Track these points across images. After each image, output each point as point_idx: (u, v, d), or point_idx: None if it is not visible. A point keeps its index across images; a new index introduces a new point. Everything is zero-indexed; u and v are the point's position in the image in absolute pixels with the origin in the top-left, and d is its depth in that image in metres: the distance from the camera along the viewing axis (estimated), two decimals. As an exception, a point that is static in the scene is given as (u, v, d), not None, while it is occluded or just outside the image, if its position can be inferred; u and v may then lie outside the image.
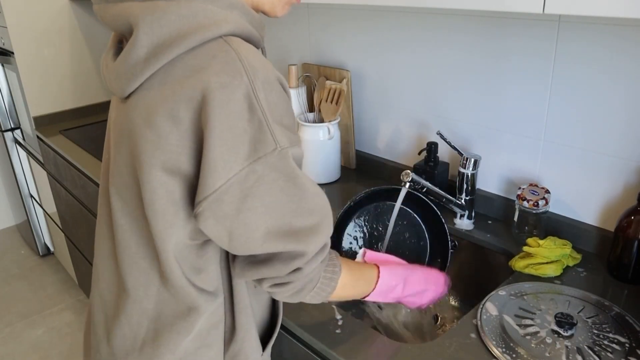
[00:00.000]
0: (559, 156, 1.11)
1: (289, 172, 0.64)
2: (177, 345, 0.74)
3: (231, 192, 0.61)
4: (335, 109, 1.44)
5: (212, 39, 0.63)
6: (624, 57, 0.96)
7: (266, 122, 0.61)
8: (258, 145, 0.61)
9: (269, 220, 0.64)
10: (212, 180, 0.60)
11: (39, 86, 2.21)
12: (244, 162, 0.61)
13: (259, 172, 0.62)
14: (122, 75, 0.65)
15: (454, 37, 1.21)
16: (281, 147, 0.62)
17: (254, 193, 0.62)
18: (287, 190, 0.64)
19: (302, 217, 0.66)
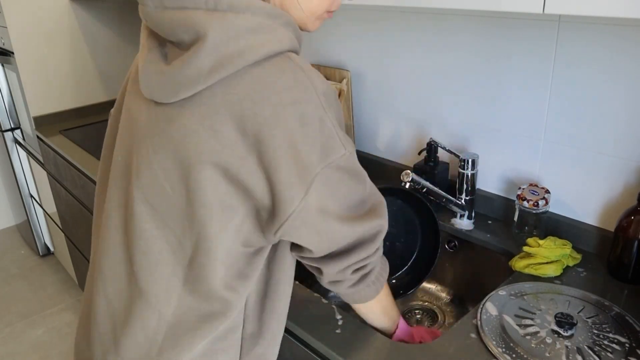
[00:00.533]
0: (559, 156, 1.11)
1: (355, 169, 0.72)
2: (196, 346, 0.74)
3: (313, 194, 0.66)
4: (335, 109, 1.44)
5: (276, 54, 0.65)
6: (624, 57, 0.96)
7: (335, 131, 0.67)
8: (329, 151, 0.66)
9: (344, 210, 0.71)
10: (294, 192, 0.65)
11: (39, 86, 2.21)
12: (318, 167, 0.66)
13: (328, 174, 0.67)
14: (177, 81, 0.65)
15: (454, 37, 1.21)
16: (349, 151, 0.69)
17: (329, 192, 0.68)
18: (356, 185, 0.72)
19: (368, 202, 0.75)
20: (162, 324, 0.73)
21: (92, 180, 1.78)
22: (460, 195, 1.20)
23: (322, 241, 0.72)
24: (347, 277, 0.78)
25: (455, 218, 1.23)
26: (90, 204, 1.90)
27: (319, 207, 0.68)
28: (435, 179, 1.24)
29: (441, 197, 1.16)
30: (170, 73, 0.65)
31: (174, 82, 0.65)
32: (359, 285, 0.81)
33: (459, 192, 1.20)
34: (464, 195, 1.20)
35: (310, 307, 0.96)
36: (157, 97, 0.68)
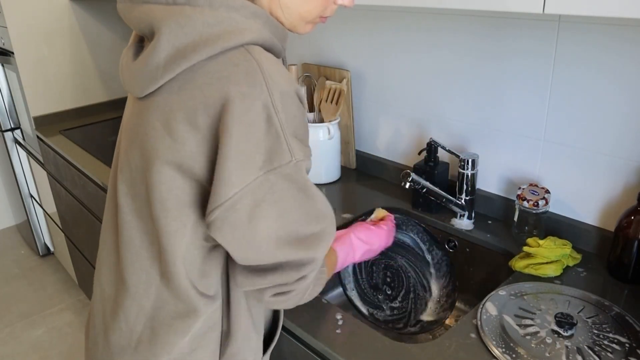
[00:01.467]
0: (559, 156, 1.11)
1: (302, 183, 0.65)
2: (174, 345, 0.75)
3: (244, 201, 0.62)
4: (335, 109, 1.44)
5: (234, 47, 0.63)
6: (624, 57, 0.96)
7: (283, 134, 0.62)
8: (274, 156, 0.62)
9: (280, 228, 0.65)
10: (226, 188, 0.61)
11: (39, 86, 2.21)
12: (259, 172, 0.62)
13: (272, 182, 0.63)
14: (141, 76, 0.66)
15: (454, 37, 1.21)
16: (296, 159, 0.64)
17: (267, 201, 0.63)
18: (299, 200, 0.66)
19: (311, 224, 0.68)
20: (141, 315, 0.75)
21: (92, 180, 1.78)
22: (460, 195, 1.20)
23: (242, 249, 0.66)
24: (265, 298, 0.72)
25: (455, 218, 1.23)
26: (90, 203, 1.90)
27: (250, 215, 0.63)
28: (435, 179, 1.24)
29: (441, 197, 1.16)
30: (136, 68, 0.66)
31: (139, 77, 0.66)
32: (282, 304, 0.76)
33: (459, 192, 1.20)
34: (464, 195, 1.20)
35: (310, 307, 0.96)
36: (132, 92, 0.69)
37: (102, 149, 1.93)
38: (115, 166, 0.79)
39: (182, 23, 0.62)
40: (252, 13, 0.66)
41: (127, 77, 0.69)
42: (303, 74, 1.57)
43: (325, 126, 1.42)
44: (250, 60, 0.63)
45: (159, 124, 0.65)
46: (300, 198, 0.66)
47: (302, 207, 0.66)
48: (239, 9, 0.65)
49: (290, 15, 0.71)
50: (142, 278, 0.74)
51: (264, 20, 0.67)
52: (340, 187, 1.47)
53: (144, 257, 0.74)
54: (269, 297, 0.71)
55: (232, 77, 0.61)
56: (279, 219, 0.65)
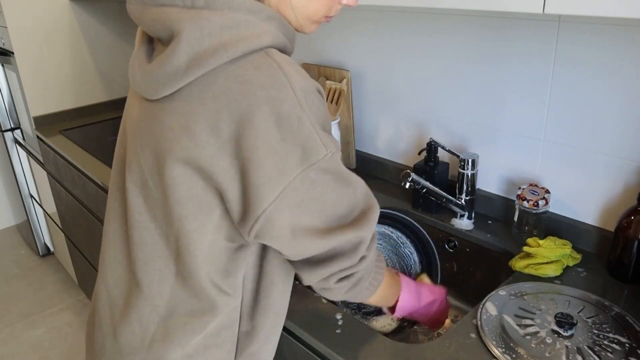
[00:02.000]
0: (559, 156, 1.11)
1: (340, 172, 0.67)
2: (188, 342, 0.75)
3: (288, 199, 0.63)
4: (335, 109, 1.44)
5: (254, 50, 0.64)
6: (624, 57, 0.96)
7: (315, 130, 0.64)
8: (310, 152, 0.63)
9: (325, 218, 0.68)
10: (266, 193, 0.63)
11: (39, 86, 2.21)
12: (298, 169, 0.63)
13: (312, 177, 0.64)
14: (157, 79, 0.65)
15: (454, 37, 1.21)
16: (331, 152, 0.65)
17: (310, 196, 0.65)
18: (339, 189, 0.68)
19: (354, 208, 0.70)
20: (155, 315, 0.75)
21: (92, 180, 1.78)
22: (460, 195, 1.20)
23: (292, 247, 0.68)
24: (331, 285, 0.74)
25: (455, 218, 1.23)
26: (90, 203, 1.90)
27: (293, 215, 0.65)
28: (435, 179, 1.24)
29: (441, 197, 1.16)
30: (152, 71, 0.66)
31: (154, 79, 0.66)
32: (351, 292, 0.77)
33: (459, 192, 1.20)
34: (464, 195, 1.20)
35: (310, 307, 0.96)
36: (144, 94, 0.69)
37: (102, 149, 1.93)
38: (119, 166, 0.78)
39: (202, 26, 0.62)
40: (267, 16, 0.66)
41: (139, 79, 0.69)
42: (303, 74, 1.57)
43: (325, 126, 1.42)
44: (271, 62, 0.63)
45: (177, 126, 0.65)
46: (340, 187, 0.68)
47: (343, 195, 0.68)
48: (256, 13, 0.65)
49: (299, 14, 0.72)
50: (155, 278, 0.74)
51: (278, 23, 0.68)
52: (340, 187, 1.47)
53: (157, 257, 0.73)
54: (334, 283, 0.73)
55: (255, 81, 0.62)
56: (323, 211, 0.67)
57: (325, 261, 0.71)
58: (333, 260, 0.71)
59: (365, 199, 0.72)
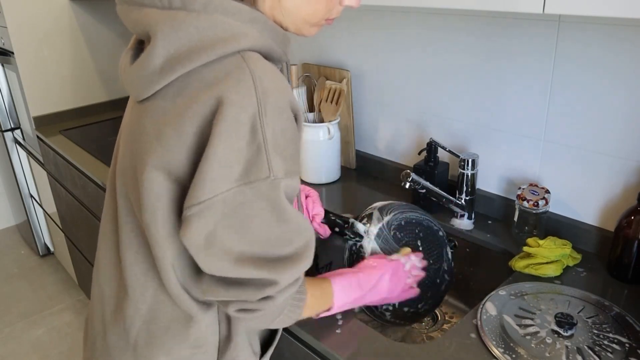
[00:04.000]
0: (559, 156, 1.11)
1: (277, 203, 0.63)
2: (172, 348, 0.74)
3: (214, 209, 0.60)
4: (335, 109, 1.44)
5: (229, 53, 0.62)
6: (624, 57, 0.96)
7: (265, 149, 0.60)
8: (252, 169, 0.60)
9: (245, 244, 0.63)
10: (200, 192, 0.60)
11: (39, 86, 2.21)
12: (234, 183, 0.60)
13: (247, 196, 0.61)
14: (137, 80, 0.65)
15: (454, 37, 1.21)
16: (274, 176, 0.61)
17: (237, 215, 0.61)
18: (269, 220, 0.63)
19: (279, 247, 0.65)
20: (138, 318, 0.75)
21: (92, 180, 1.78)
22: (460, 195, 1.20)
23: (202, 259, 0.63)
24: (232, 312, 0.69)
25: (455, 218, 1.23)
26: (90, 203, 1.90)
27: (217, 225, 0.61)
28: (435, 179, 1.24)
29: (441, 197, 1.15)
30: (132, 72, 0.66)
31: (135, 81, 0.65)
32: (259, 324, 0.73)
33: (459, 192, 1.20)
34: (464, 195, 1.20)
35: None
36: (131, 95, 0.69)
37: (102, 149, 1.93)
38: (114, 167, 0.79)
39: (176, 28, 0.61)
40: (249, 18, 0.64)
41: (125, 80, 0.69)
42: (303, 74, 1.57)
43: (325, 126, 1.42)
44: (243, 68, 0.61)
45: (151, 128, 0.65)
46: (271, 219, 0.63)
47: (272, 228, 0.64)
48: (235, 14, 0.63)
49: (293, 19, 0.69)
50: (140, 281, 0.74)
51: (262, 25, 0.66)
52: (340, 187, 1.47)
53: (141, 260, 0.73)
54: (233, 311, 0.68)
55: (222, 85, 0.60)
56: (244, 236, 0.62)
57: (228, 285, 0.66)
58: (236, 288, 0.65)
59: (301, 247, 0.67)
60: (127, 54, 0.71)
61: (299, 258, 0.67)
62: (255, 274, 0.64)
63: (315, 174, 1.47)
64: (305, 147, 1.45)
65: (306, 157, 1.47)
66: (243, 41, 0.62)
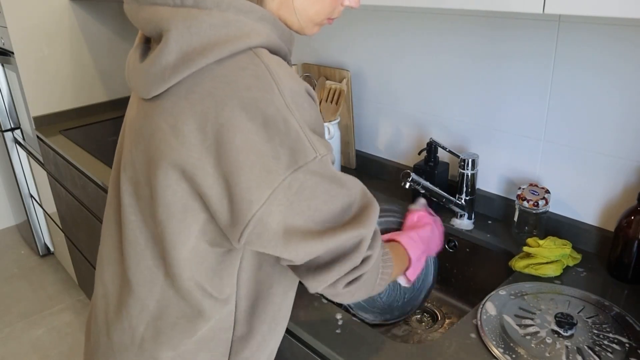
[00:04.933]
0: (559, 156, 1.11)
1: (331, 174, 0.65)
2: (179, 343, 0.74)
3: (278, 202, 0.62)
4: (335, 109, 1.44)
5: (242, 50, 0.63)
6: (624, 57, 0.96)
7: (303, 132, 0.62)
8: (298, 154, 0.62)
9: (319, 219, 0.65)
10: (257, 194, 0.61)
11: (39, 86, 2.21)
12: (285, 172, 0.61)
13: (301, 180, 0.62)
14: (148, 77, 0.65)
15: (454, 37, 1.21)
16: (321, 154, 0.63)
17: (300, 198, 0.63)
18: (330, 191, 0.65)
19: (351, 206, 0.68)
20: (145, 314, 0.75)
21: (92, 180, 1.78)
22: (460, 195, 1.20)
23: (288, 251, 0.66)
24: (340, 291, 0.71)
25: (455, 218, 1.23)
26: (90, 203, 1.90)
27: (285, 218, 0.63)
28: (435, 179, 1.24)
29: (441, 197, 1.16)
30: (143, 70, 0.66)
31: (145, 78, 0.66)
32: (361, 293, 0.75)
33: (459, 192, 1.20)
34: (464, 195, 1.20)
35: (310, 307, 0.96)
36: (138, 93, 0.69)
37: (102, 149, 1.93)
38: (117, 165, 0.78)
39: (190, 25, 0.62)
40: (260, 16, 0.65)
41: (133, 78, 0.69)
42: (303, 74, 1.57)
43: (325, 126, 1.42)
44: (258, 64, 0.62)
45: (167, 126, 0.65)
46: (332, 189, 0.65)
47: (336, 196, 0.66)
48: (247, 13, 0.64)
49: (300, 17, 0.71)
50: (146, 277, 0.74)
51: (272, 24, 0.67)
52: (340, 187, 1.47)
53: (148, 256, 0.73)
54: (342, 288, 0.71)
55: (240, 81, 0.61)
56: (315, 212, 0.65)
57: (327, 265, 0.69)
58: (335, 264, 0.68)
59: (362, 197, 0.70)
60: (135, 52, 0.71)
61: (368, 208, 0.70)
62: (343, 239, 0.66)
63: (315, 174, 1.47)
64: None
65: (306, 157, 1.47)
66: (255, 38, 0.63)
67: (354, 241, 0.68)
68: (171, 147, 0.64)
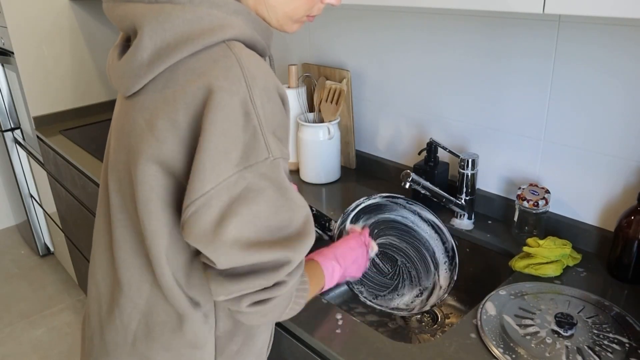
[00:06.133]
0: (559, 156, 1.11)
1: (279, 182, 0.64)
2: (170, 342, 0.75)
3: (218, 198, 0.61)
4: (335, 109, 1.44)
5: (215, 43, 0.63)
6: (624, 57, 0.96)
7: (261, 131, 0.61)
8: (250, 152, 0.61)
9: (254, 227, 0.63)
10: (201, 183, 0.60)
11: (39, 86, 2.21)
12: (235, 168, 0.61)
13: (249, 180, 0.61)
14: (125, 74, 0.66)
15: (454, 37, 1.21)
16: (274, 156, 0.62)
17: (242, 199, 0.61)
18: (275, 200, 0.63)
19: (290, 224, 0.66)
20: (136, 313, 0.75)
21: (92, 180, 1.78)
22: (460, 195, 1.20)
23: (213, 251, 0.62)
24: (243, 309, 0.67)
25: (455, 218, 1.23)
26: (90, 203, 1.90)
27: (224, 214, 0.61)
28: (435, 179, 1.24)
29: (441, 197, 1.15)
30: (120, 67, 0.67)
31: (123, 76, 0.67)
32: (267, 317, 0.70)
33: (459, 192, 1.20)
34: (464, 195, 1.20)
35: (310, 307, 0.96)
36: (119, 91, 0.70)
37: (102, 149, 1.93)
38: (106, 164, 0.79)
39: (163, 21, 0.62)
40: (234, 10, 0.66)
41: (113, 76, 0.70)
42: (303, 74, 1.57)
43: (325, 126, 1.42)
44: (230, 56, 0.63)
45: (143, 122, 0.66)
46: (277, 198, 0.64)
47: (278, 207, 0.64)
48: (220, 6, 0.65)
49: (276, 14, 0.71)
50: (135, 276, 0.74)
51: (246, 17, 0.67)
52: (340, 187, 1.47)
53: (136, 255, 0.73)
54: (246, 306, 0.67)
55: (211, 73, 0.61)
56: (253, 219, 0.62)
57: (239, 276, 0.65)
58: (247, 277, 0.64)
59: (304, 223, 0.67)
60: (114, 51, 0.72)
61: (305, 233, 0.67)
62: (269, 256, 0.64)
63: (315, 174, 1.47)
64: (305, 147, 1.45)
65: (306, 157, 1.47)
66: (229, 31, 0.64)
67: (277, 262, 0.65)
68: (148, 143, 0.64)
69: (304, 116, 1.48)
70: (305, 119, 1.47)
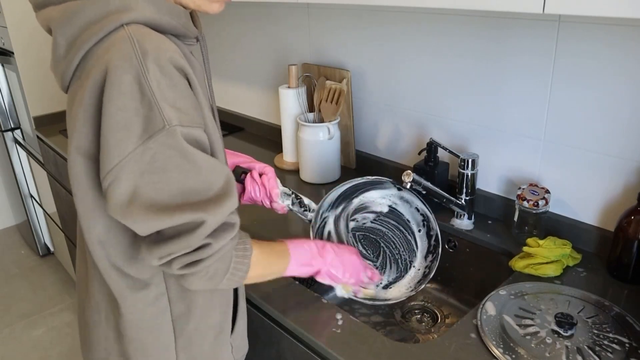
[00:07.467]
0: (559, 156, 1.11)
1: (183, 148, 0.66)
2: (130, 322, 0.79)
3: (129, 169, 0.64)
4: (335, 109, 1.44)
5: (115, 29, 0.67)
6: (624, 57, 0.96)
7: (155, 102, 0.64)
8: (149, 124, 0.64)
9: (166, 194, 0.66)
10: (108, 159, 0.65)
11: (39, 86, 2.21)
12: (138, 141, 0.64)
13: (154, 149, 0.65)
14: (55, 73, 0.73)
15: (454, 37, 1.21)
16: (169, 125, 0.64)
17: (152, 169, 0.65)
18: (182, 166, 0.66)
19: (201, 192, 0.68)
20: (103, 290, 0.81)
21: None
22: (460, 195, 1.20)
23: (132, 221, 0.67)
24: (175, 271, 0.71)
25: (455, 218, 1.23)
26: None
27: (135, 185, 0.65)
28: (435, 179, 1.24)
29: (441, 197, 1.15)
30: (52, 68, 0.74)
31: (55, 75, 0.73)
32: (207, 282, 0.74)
33: (459, 192, 1.20)
34: (464, 195, 1.20)
35: (310, 307, 0.96)
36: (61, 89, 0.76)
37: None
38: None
39: (69, 16, 0.67)
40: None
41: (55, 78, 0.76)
42: (303, 74, 1.57)
43: (325, 126, 1.42)
44: (124, 36, 0.65)
45: (69, 112, 0.73)
46: (183, 163, 0.66)
47: (187, 172, 0.67)
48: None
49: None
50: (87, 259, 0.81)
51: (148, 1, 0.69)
52: (340, 187, 1.47)
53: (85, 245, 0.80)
54: (177, 269, 0.71)
55: (108, 55, 0.65)
56: (165, 185, 0.66)
57: (163, 240, 0.69)
58: (170, 241, 0.68)
59: (224, 186, 0.70)
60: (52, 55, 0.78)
61: (222, 197, 0.70)
62: (182, 218, 0.67)
63: (315, 174, 1.47)
64: (305, 147, 1.45)
65: (306, 157, 1.47)
66: (125, 15, 0.67)
67: (191, 224, 0.68)
68: (72, 134, 0.70)
69: (304, 116, 1.48)
70: (305, 119, 1.47)
